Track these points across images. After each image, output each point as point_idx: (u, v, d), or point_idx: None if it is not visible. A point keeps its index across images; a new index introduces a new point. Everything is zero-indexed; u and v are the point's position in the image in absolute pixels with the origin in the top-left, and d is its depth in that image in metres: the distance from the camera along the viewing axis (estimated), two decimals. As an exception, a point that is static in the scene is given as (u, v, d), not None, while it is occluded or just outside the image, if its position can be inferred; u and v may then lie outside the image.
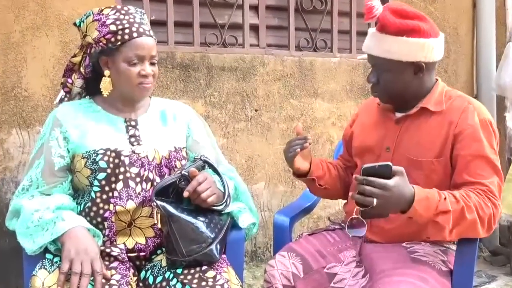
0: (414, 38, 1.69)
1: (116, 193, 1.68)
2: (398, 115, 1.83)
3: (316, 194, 2.07)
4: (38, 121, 2.46)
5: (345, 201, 2.01)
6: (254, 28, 3.01)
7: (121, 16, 1.71)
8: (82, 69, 1.78)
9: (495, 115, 3.60)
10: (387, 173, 1.50)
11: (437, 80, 1.84)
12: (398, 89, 1.76)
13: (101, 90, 1.73)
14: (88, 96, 1.83)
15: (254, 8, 3.02)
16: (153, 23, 2.72)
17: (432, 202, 1.56)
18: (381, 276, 1.62)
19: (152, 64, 1.75)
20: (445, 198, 1.58)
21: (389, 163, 1.51)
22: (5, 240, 2.40)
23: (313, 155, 1.95)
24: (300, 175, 1.93)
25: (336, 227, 1.97)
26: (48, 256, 1.64)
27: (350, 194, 1.64)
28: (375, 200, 1.48)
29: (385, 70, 1.74)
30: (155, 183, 1.71)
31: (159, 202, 1.64)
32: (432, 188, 1.61)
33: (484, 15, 3.56)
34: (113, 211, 1.68)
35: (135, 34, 1.70)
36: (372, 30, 1.78)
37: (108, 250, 1.65)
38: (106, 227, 1.68)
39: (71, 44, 2.49)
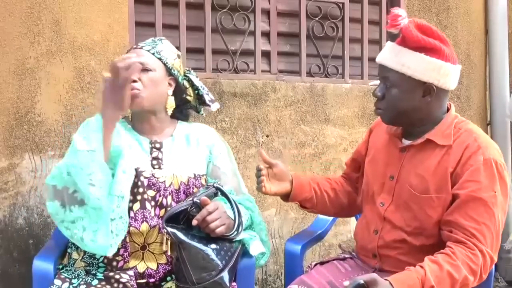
0: (432, 58, 1.64)
1: (132, 214, 1.68)
2: (405, 142, 1.78)
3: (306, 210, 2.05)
4: (51, 146, 2.47)
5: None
6: (266, 54, 3.03)
7: None
8: None
9: (509, 142, 3.57)
10: None
11: (449, 109, 1.76)
12: (403, 108, 1.69)
13: None
14: None
15: (266, 35, 3.03)
16: (166, 50, 2.76)
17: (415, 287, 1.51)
18: None
19: (144, 72, 1.74)
20: (425, 273, 1.52)
21: (360, 280, 1.47)
22: (14, 266, 2.39)
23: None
24: (284, 197, 1.96)
25: (347, 256, 1.94)
26: (57, 282, 1.63)
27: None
28: None
29: (394, 84, 1.68)
30: (168, 209, 1.70)
31: (169, 229, 1.63)
32: (408, 268, 1.55)
33: (496, 41, 3.55)
34: (128, 231, 1.67)
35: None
36: (390, 43, 1.72)
37: (117, 276, 1.64)
38: (121, 246, 1.67)
39: (85, 70, 2.52)
